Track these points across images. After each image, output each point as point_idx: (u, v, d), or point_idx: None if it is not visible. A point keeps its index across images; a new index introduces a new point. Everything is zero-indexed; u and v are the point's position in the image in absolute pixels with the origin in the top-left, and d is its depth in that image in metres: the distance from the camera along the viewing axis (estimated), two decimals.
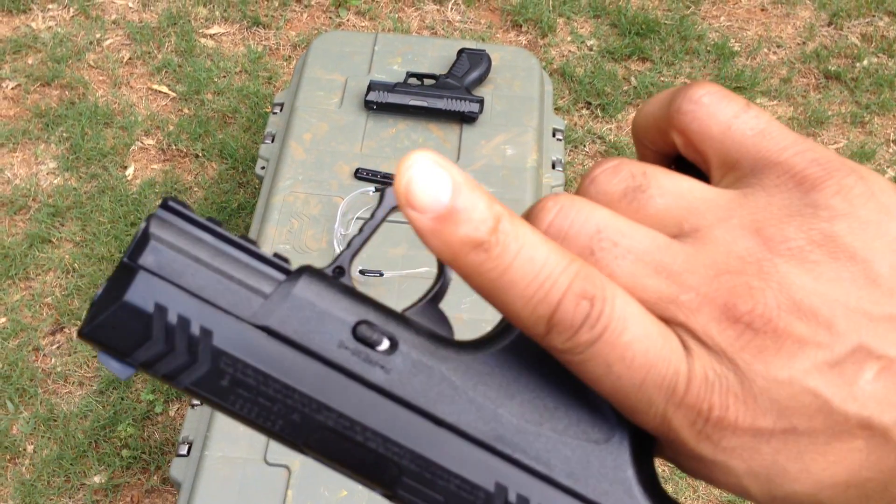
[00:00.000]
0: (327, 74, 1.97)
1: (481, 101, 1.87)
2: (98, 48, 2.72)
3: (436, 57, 2.03)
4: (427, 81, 1.94)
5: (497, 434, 0.26)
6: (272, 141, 1.94)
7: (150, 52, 2.72)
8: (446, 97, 1.87)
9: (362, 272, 1.62)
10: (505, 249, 0.24)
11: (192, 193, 2.41)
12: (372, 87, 1.87)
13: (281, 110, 1.99)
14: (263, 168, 1.90)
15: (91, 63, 2.69)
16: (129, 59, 2.71)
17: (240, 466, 1.40)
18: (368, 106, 1.87)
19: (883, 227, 0.24)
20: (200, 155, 2.49)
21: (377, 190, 1.76)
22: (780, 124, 0.26)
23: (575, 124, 2.61)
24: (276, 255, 0.28)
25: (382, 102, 1.87)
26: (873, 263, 0.24)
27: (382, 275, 1.62)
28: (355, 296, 0.27)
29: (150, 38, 2.75)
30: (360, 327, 0.26)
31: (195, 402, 1.56)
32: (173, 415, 2.04)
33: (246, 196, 2.40)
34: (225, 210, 2.37)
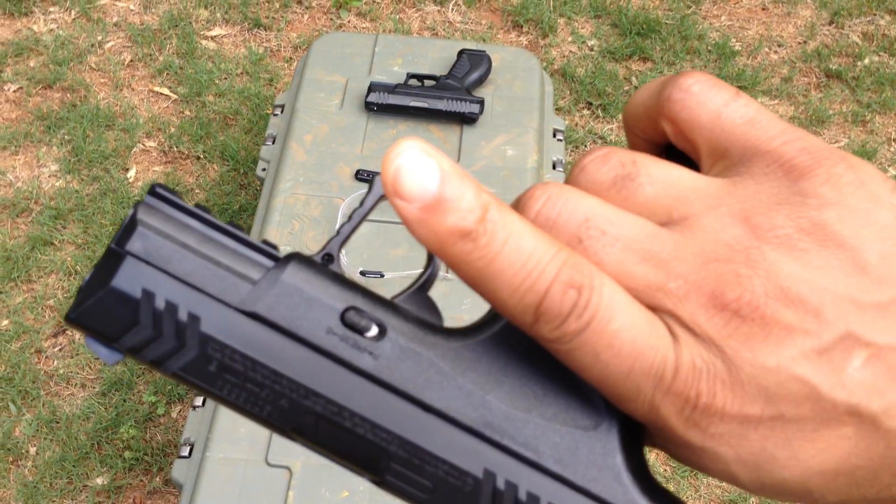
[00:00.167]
0: (328, 76, 1.97)
1: (482, 102, 1.87)
2: (99, 50, 2.73)
3: (436, 58, 2.03)
4: (427, 82, 1.94)
5: (485, 420, 0.26)
6: (273, 142, 1.94)
7: (151, 55, 2.72)
8: (447, 98, 1.87)
9: (363, 273, 1.62)
10: (492, 239, 0.24)
11: (193, 195, 2.41)
12: (372, 88, 1.88)
13: (282, 112, 1.99)
14: (264, 170, 1.90)
15: (92, 65, 2.69)
16: (131, 61, 2.71)
17: (241, 468, 1.40)
18: (369, 107, 1.88)
19: (872, 215, 0.24)
20: (202, 157, 2.49)
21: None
22: (770, 113, 0.26)
23: (576, 125, 2.61)
24: (265, 241, 0.28)
25: (383, 104, 1.87)
26: (862, 251, 0.24)
27: (383, 276, 1.62)
28: (344, 282, 0.27)
29: (152, 41, 2.75)
30: (348, 313, 0.26)
31: (197, 404, 1.56)
32: (175, 416, 2.04)
33: (247, 198, 2.40)
34: (226, 212, 2.37)
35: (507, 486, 0.25)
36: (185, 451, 1.48)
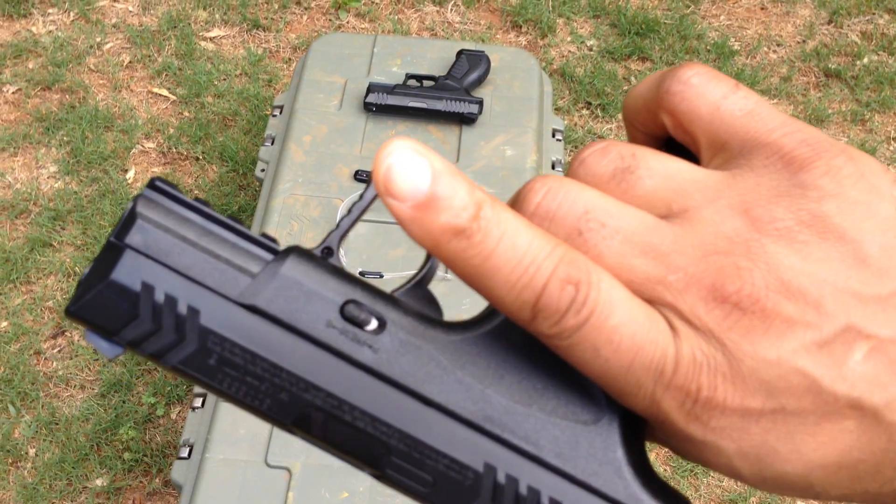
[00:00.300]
0: (327, 77, 1.97)
1: (480, 102, 1.87)
2: (98, 52, 2.73)
3: (435, 58, 2.03)
4: (426, 83, 1.94)
5: (486, 414, 0.25)
6: (272, 143, 1.94)
7: (150, 56, 2.72)
8: (446, 98, 1.87)
9: (362, 274, 1.62)
10: (487, 236, 0.24)
11: (192, 196, 2.41)
12: (371, 88, 1.87)
13: (281, 113, 1.99)
14: (263, 170, 1.90)
15: (91, 67, 2.69)
16: (130, 62, 2.71)
17: (241, 469, 1.40)
18: (368, 108, 1.87)
19: (872, 207, 0.24)
20: (201, 158, 2.49)
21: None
22: (770, 105, 0.26)
23: (575, 124, 2.61)
24: (264, 234, 0.27)
25: (382, 104, 1.87)
26: (862, 244, 0.24)
27: (382, 276, 1.62)
28: (343, 276, 0.27)
29: (151, 42, 2.75)
30: (347, 307, 0.26)
31: (196, 405, 1.56)
32: (174, 417, 2.04)
33: (246, 198, 2.40)
34: (226, 212, 2.37)
35: (508, 480, 0.25)
36: (185, 453, 1.48)
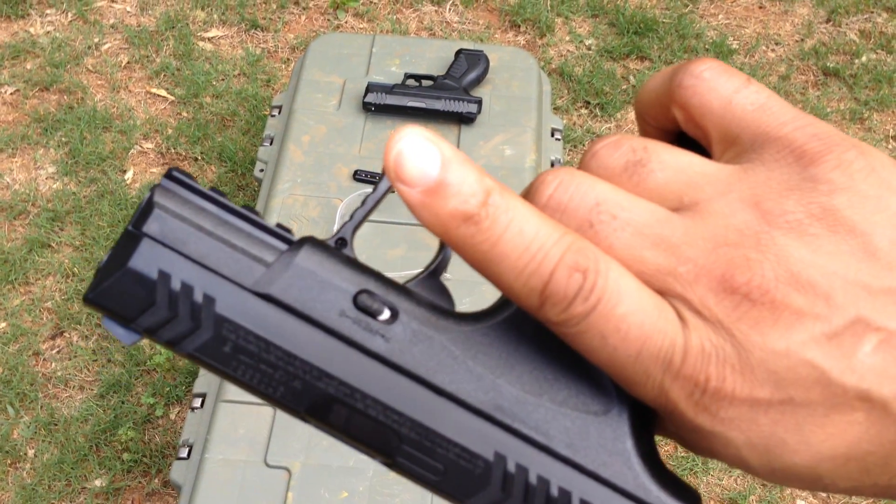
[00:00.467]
0: (325, 76, 1.97)
1: (479, 102, 1.87)
2: (96, 52, 2.73)
3: (434, 58, 2.03)
4: (425, 83, 1.94)
5: (496, 404, 0.26)
6: (271, 143, 1.94)
7: (148, 56, 2.72)
8: (444, 98, 1.87)
9: None
10: (495, 222, 0.24)
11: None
12: (370, 88, 1.87)
13: (279, 113, 1.99)
14: (262, 171, 1.90)
15: (89, 67, 2.69)
16: (128, 62, 2.71)
17: (240, 469, 1.40)
18: (367, 108, 1.87)
19: (883, 201, 0.24)
20: (199, 158, 2.49)
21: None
22: (781, 99, 0.26)
23: (574, 124, 2.61)
24: (279, 225, 0.28)
25: (381, 104, 1.87)
26: (873, 237, 0.24)
27: None
28: (356, 266, 0.27)
29: (149, 42, 2.75)
30: (360, 296, 0.26)
31: (195, 406, 1.55)
32: (174, 418, 2.04)
33: (245, 199, 2.40)
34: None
35: (518, 470, 0.25)
36: (184, 453, 1.48)
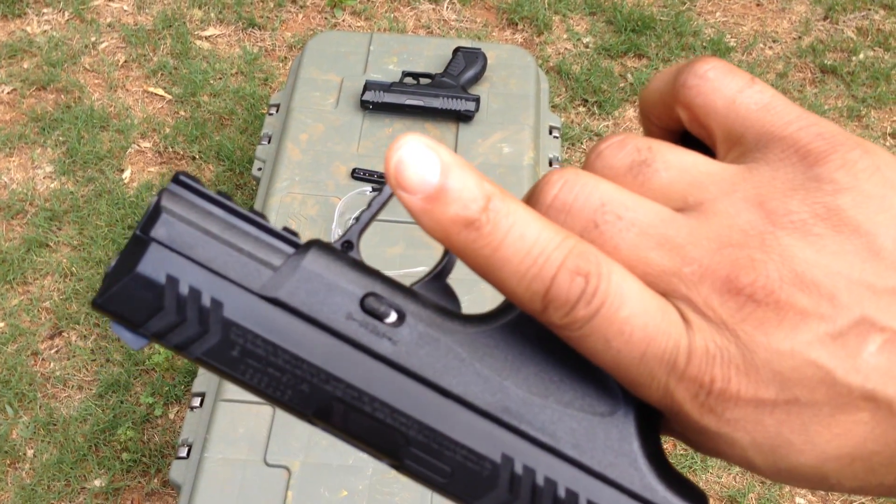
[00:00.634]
0: (323, 75, 1.97)
1: (477, 100, 1.87)
2: (93, 51, 2.72)
3: (431, 56, 2.03)
4: (423, 80, 1.94)
5: (503, 405, 0.26)
6: (269, 142, 1.93)
7: (145, 55, 2.71)
8: (442, 96, 1.87)
9: None
10: (496, 227, 0.24)
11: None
12: (368, 86, 1.87)
13: (277, 111, 1.99)
14: (260, 169, 1.90)
15: (87, 66, 2.68)
16: (125, 62, 2.71)
17: (239, 468, 1.40)
18: (364, 106, 1.87)
19: (887, 200, 0.24)
20: (197, 157, 2.49)
21: (374, 190, 1.76)
22: (785, 99, 0.26)
23: (572, 122, 2.61)
24: (286, 228, 0.28)
25: (378, 102, 1.86)
26: (877, 237, 0.24)
27: None
28: (363, 269, 0.27)
29: (146, 41, 2.74)
30: (367, 299, 0.27)
31: (195, 405, 1.55)
32: (173, 417, 2.04)
33: (243, 197, 2.40)
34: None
35: (525, 471, 0.25)
36: (184, 452, 1.48)
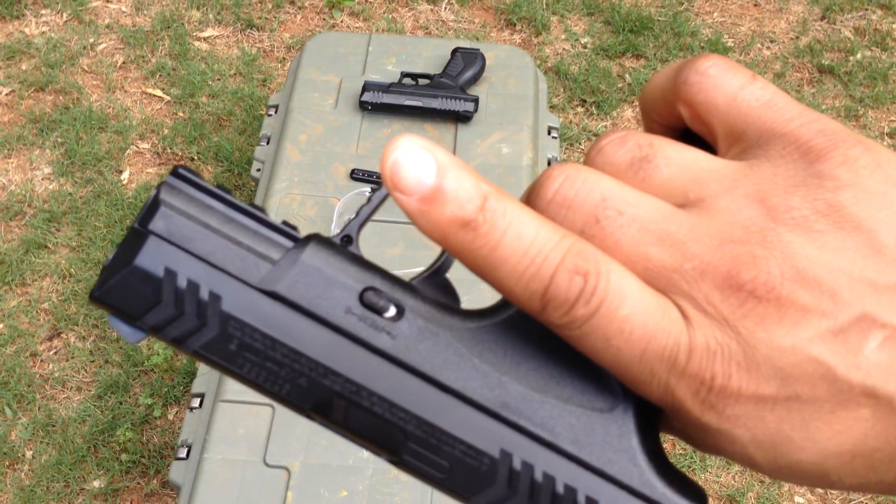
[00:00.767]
0: (322, 76, 1.97)
1: (476, 100, 1.87)
2: (92, 53, 2.72)
3: (430, 57, 2.03)
4: (422, 81, 1.94)
5: (502, 401, 0.26)
6: (267, 143, 1.93)
7: (143, 56, 2.71)
8: (441, 97, 1.87)
9: None
10: (493, 227, 0.24)
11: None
12: (367, 87, 1.87)
13: (276, 112, 1.99)
14: (259, 170, 1.90)
15: (85, 68, 2.68)
16: (123, 63, 2.70)
17: (239, 469, 1.40)
18: (363, 106, 1.87)
19: (889, 197, 0.24)
20: (196, 158, 2.48)
21: (373, 190, 1.75)
22: (787, 96, 0.26)
23: (570, 122, 2.61)
24: (285, 222, 0.28)
25: (377, 103, 1.86)
26: (878, 233, 0.24)
27: None
28: (362, 263, 0.27)
29: (144, 42, 2.74)
30: (366, 294, 0.26)
31: (194, 406, 1.55)
32: (172, 418, 2.04)
33: (242, 198, 2.39)
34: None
35: (524, 467, 0.25)
36: (183, 453, 1.47)
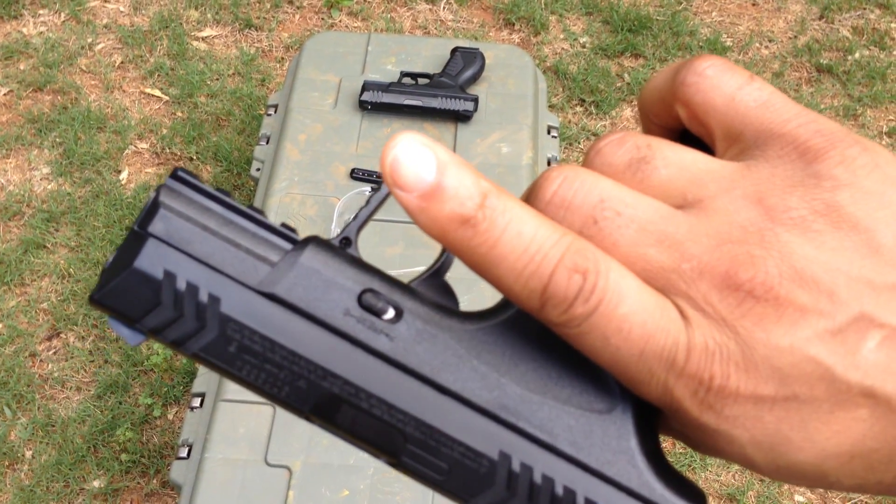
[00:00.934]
0: (321, 75, 1.97)
1: (476, 100, 1.87)
2: (90, 53, 2.72)
3: (429, 56, 2.03)
4: (421, 81, 1.94)
5: (501, 402, 0.26)
6: (267, 142, 1.93)
7: (142, 56, 2.71)
8: (441, 96, 1.87)
9: None
10: (492, 224, 0.24)
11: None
12: (366, 87, 1.87)
13: (275, 112, 1.99)
14: (259, 170, 1.90)
15: (83, 67, 2.68)
16: (121, 62, 2.70)
17: (240, 468, 1.40)
18: (363, 106, 1.87)
19: (886, 197, 0.24)
20: (195, 158, 2.48)
21: (373, 190, 1.76)
22: (784, 96, 0.26)
23: (569, 122, 2.61)
24: (284, 224, 0.28)
25: (377, 102, 1.86)
26: (876, 233, 0.24)
27: None
28: (361, 265, 0.27)
29: (142, 42, 2.74)
30: (365, 296, 0.27)
31: (194, 405, 1.55)
32: (171, 418, 2.04)
33: (241, 198, 2.40)
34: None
35: (523, 469, 0.25)
36: (184, 453, 1.47)
